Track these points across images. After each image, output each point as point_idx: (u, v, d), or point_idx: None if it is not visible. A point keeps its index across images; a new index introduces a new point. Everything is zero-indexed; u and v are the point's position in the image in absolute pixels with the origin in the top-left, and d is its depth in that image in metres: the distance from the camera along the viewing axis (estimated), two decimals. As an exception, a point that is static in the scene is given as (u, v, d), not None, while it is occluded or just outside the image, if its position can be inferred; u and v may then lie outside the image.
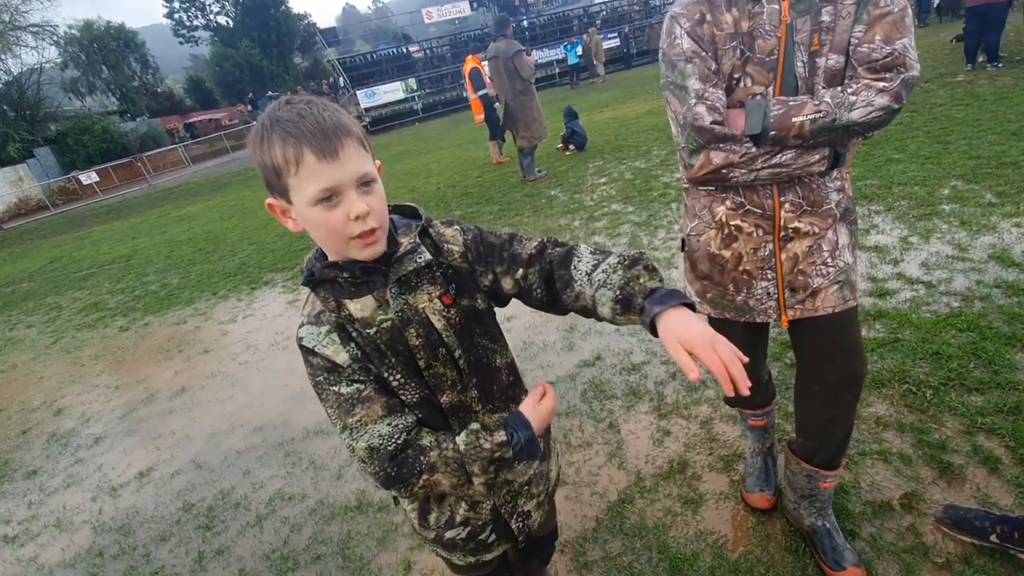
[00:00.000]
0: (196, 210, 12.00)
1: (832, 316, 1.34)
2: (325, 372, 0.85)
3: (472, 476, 0.86)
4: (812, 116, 1.14)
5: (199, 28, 41.98)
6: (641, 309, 0.81)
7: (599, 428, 2.36)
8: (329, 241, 0.83)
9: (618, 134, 8.36)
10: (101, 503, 2.70)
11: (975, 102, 5.46)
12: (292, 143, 0.75)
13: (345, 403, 0.84)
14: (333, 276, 0.86)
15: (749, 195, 1.29)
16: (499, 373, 1.00)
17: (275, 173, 0.78)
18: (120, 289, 6.62)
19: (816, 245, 1.30)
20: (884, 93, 1.11)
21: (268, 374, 3.60)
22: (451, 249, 0.95)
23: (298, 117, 0.76)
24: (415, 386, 0.90)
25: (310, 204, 0.78)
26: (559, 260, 0.92)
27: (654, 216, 4.63)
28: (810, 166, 1.21)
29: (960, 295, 2.60)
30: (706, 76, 1.21)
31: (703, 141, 1.23)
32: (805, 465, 1.53)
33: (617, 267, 0.86)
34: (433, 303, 0.90)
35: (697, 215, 1.42)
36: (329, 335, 0.85)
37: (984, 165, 3.94)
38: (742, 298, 1.40)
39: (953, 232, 3.17)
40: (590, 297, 0.87)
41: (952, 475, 1.74)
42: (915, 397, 2.07)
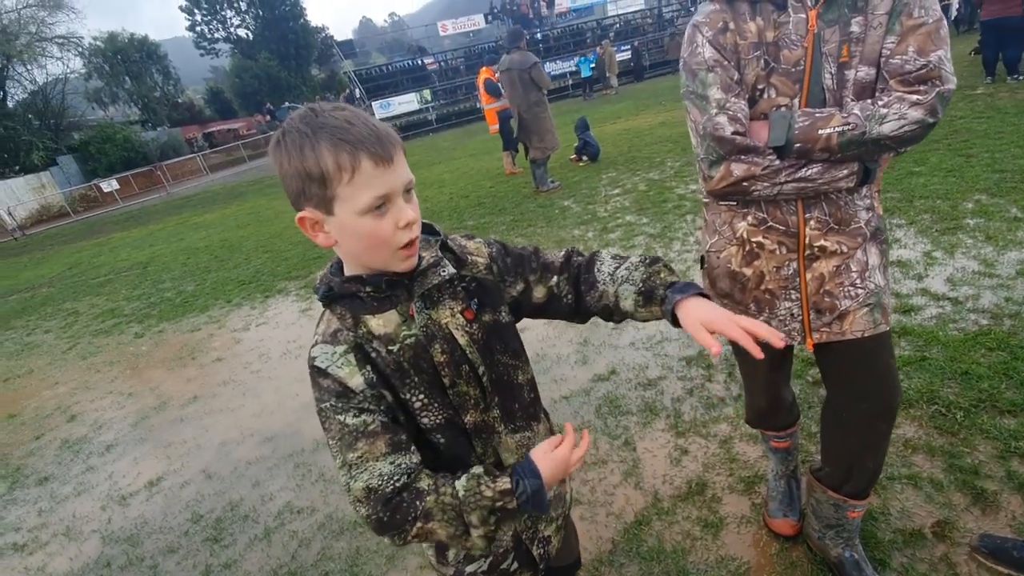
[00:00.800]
0: (213, 218, 12.16)
1: (861, 341, 1.27)
2: (334, 397, 0.79)
3: (470, 527, 0.80)
4: (840, 128, 1.09)
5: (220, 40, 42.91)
6: (662, 299, 0.86)
7: (614, 445, 2.30)
8: (374, 252, 0.79)
9: (631, 145, 8.33)
10: (111, 512, 2.69)
11: (996, 115, 5.36)
12: (347, 149, 0.72)
13: (349, 436, 0.79)
14: (354, 291, 0.82)
15: (772, 211, 1.25)
16: (520, 390, 0.96)
17: (319, 182, 0.73)
18: (136, 296, 6.69)
19: (844, 265, 1.24)
20: (918, 106, 1.06)
21: (280, 383, 3.59)
22: (475, 261, 0.93)
23: (347, 124, 0.73)
24: (439, 406, 0.86)
25: (361, 213, 0.74)
26: (584, 265, 0.97)
27: (669, 228, 4.58)
28: (837, 181, 1.15)
29: (988, 312, 2.51)
30: (728, 86, 1.18)
31: (724, 152, 1.19)
32: (832, 494, 1.46)
33: (639, 265, 0.92)
34: (456, 318, 0.87)
35: (717, 231, 1.37)
36: (345, 355, 0.80)
37: (1008, 179, 3.84)
38: (764, 318, 1.34)
39: (979, 247, 3.09)
40: (613, 294, 0.92)
41: (986, 502, 1.66)
42: (945, 419, 1.99)
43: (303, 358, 3.97)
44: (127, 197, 23.09)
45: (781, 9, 1.15)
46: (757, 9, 1.17)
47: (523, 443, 0.95)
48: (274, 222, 9.44)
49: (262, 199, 13.30)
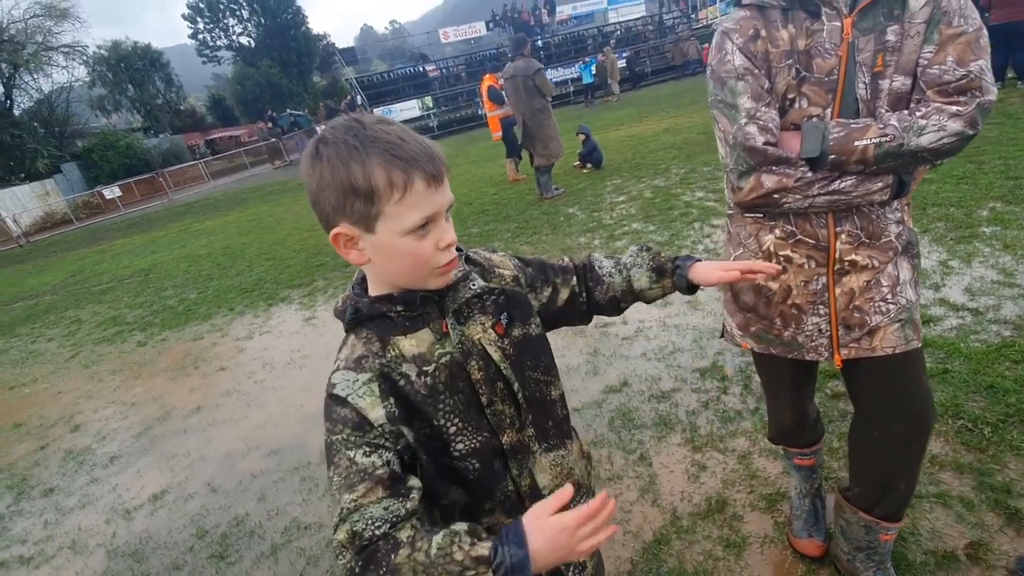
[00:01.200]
0: (215, 225, 12.15)
1: (893, 358, 1.23)
2: (349, 428, 0.74)
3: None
4: (877, 140, 1.05)
5: (222, 48, 43.15)
6: (673, 270, 0.98)
7: (629, 460, 2.24)
8: (411, 272, 0.76)
9: (635, 152, 8.30)
10: (115, 526, 2.64)
11: (1007, 120, 5.32)
12: (401, 166, 0.69)
13: (354, 475, 0.73)
14: (385, 311, 0.78)
15: (801, 224, 1.20)
16: (554, 406, 0.93)
17: (366, 198, 0.70)
18: (139, 303, 6.65)
19: (875, 280, 1.20)
20: (958, 118, 1.02)
21: (284, 393, 3.54)
22: (502, 274, 0.91)
23: (399, 140, 0.70)
24: (474, 429, 0.81)
25: (404, 233, 0.72)
26: (586, 265, 1.04)
27: (676, 235, 4.54)
28: (871, 194, 1.12)
29: (1011, 324, 2.46)
30: (758, 95, 1.14)
31: (754, 163, 1.14)
32: (863, 515, 1.40)
33: (640, 252, 1.03)
34: (487, 333, 0.84)
35: (742, 243, 1.32)
36: (368, 384, 0.76)
37: (1023, 186, 3.80)
38: (790, 333, 1.30)
39: (996, 256, 3.04)
40: (623, 280, 1.01)
41: (1020, 522, 1.61)
42: (972, 435, 1.93)
43: (308, 368, 3.98)
44: (129, 204, 23.11)
45: (814, 17, 1.12)
46: (789, 17, 1.14)
47: (557, 462, 0.92)
48: (276, 229, 9.42)
49: (264, 206, 13.28)
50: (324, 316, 4.69)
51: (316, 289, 5.47)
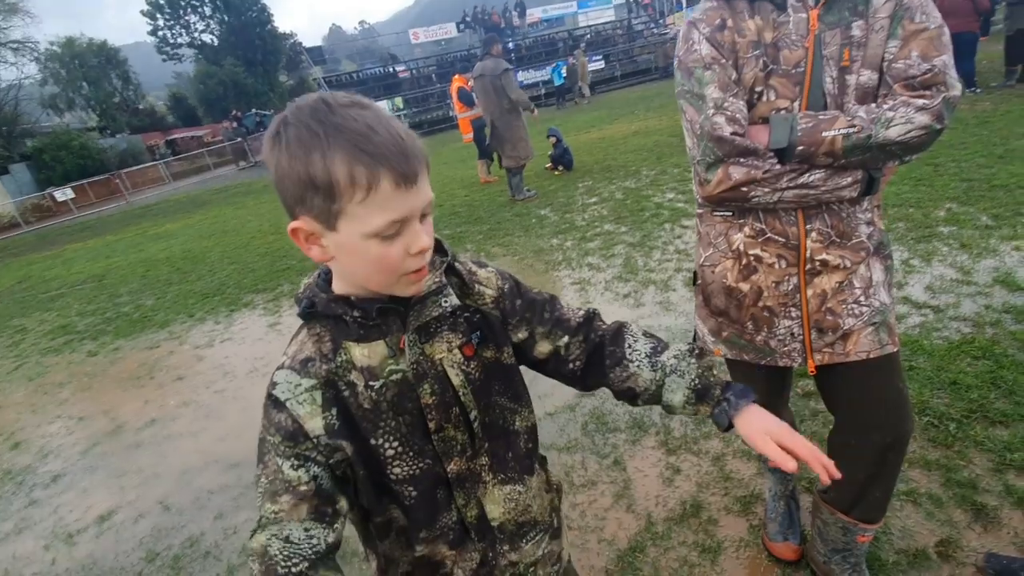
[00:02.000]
0: (175, 228, 11.70)
1: (868, 363, 1.20)
2: (281, 436, 0.69)
3: None
4: (845, 131, 1.03)
5: (183, 46, 41.78)
6: (718, 401, 0.80)
7: (603, 465, 2.20)
8: (376, 276, 0.69)
9: (606, 154, 8.35)
10: (55, 552, 2.45)
11: (959, 126, 5.53)
12: (366, 163, 0.60)
13: (278, 483, 0.68)
14: (340, 313, 0.71)
15: (771, 221, 1.17)
16: (516, 438, 0.85)
17: (324, 193, 0.62)
18: (91, 311, 6.32)
19: (847, 281, 1.17)
20: (925, 111, 1.01)
21: (245, 403, 3.38)
22: (482, 292, 0.82)
23: (368, 130, 0.61)
24: (414, 455, 0.75)
25: (368, 236, 0.64)
26: (610, 336, 0.87)
27: (648, 236, 4.55)
28: (840, 190, 1.09)
29: (970, 320, 2.52)
30: (726, 85, 1.11)
31: (722, 154, 1.11)
32: (842, 516, 1.38)
33: (687, 355, 0.83)
34: (452, 354, 0.76)
35: (712, 243, 1.29)
36: (311, 392, 0.70)
37: (976, 187, 3.94)
38: (762, 338, 1.26)
39: (954, 255, 3.12)
40: (653, 381, 0.83)
41: (987, 518, 1.62)
42: (938, 431, 1.96)
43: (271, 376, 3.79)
44: (83, 207, 22.10)
45: (780, 9, 1.10)
46: (756, 8, 1.11)
47: (512, 496, 0.84)
48: (240, 232, 9.11)
49: (227, 208, 12.87)
50: (289, 321, 4.52)
51: (281, 294, 5.28)
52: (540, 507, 0.88)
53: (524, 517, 0.85)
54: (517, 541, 0.85)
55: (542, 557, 0.89)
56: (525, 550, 0.85)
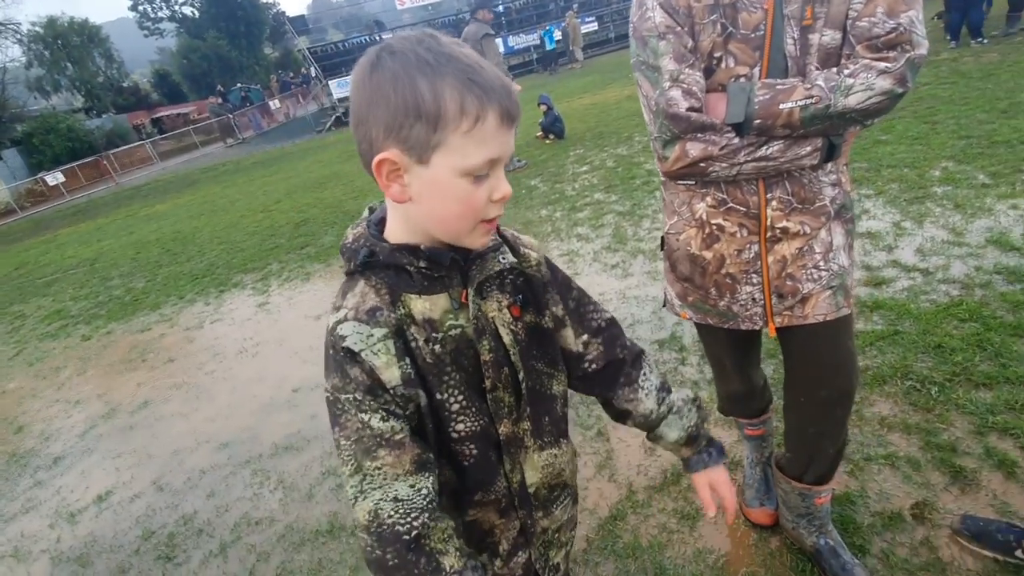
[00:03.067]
0: (164, 209, 11.60)
1: (823, 325, 1.21)
2: (362, 391, 0.66)
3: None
4: (803, 102, 0.99)
5: (164, 20, 40.61)
6: (701, 450, 0.93)
7: (587, 436, 2.21)
8: (456, 220, 0.66)
9: (598, 121, 8.18)
10: (59, 530, 2.51)
11: (961, 80, 5.38)
12: (477, 94, 0.60)
13: (370, 439, 0.66)
14: (405, 263, 0.68)
15: (732, 191, 1.15)
16: (554, 402, 0.85)
17: (429, 122, 0.59)
18: (84, 295, 6.31)
19: (807, 247, 1.16)
20: (886, 75, 0.97)
21: (235, 384, 3.40)
22: (528, 255, 0.81)
23: (477, 65, 0.61)
24: (476, 411, 0.74)
25: (461, 173, 0.62)
26: (632, 358, 0.91)
27: (638, 205, 4.49)
28: (800, 159, 1.06)
29: (960, 283, 2.49)
30: (681, 55, 1.06)
31: (678, 131, 1.07)
32: (796, 484, 1.41)
33: (690, 403, 0.92)
34: (503, 313, 0.76)
35: (676, 211, 1.27)
36: (384, 341, 0.67)
37: (974, 145, 3.85)
38: (725, 303, 1.27)
39: (947, 216, 3.07)
40: (655, 413, 0.89)
41: (965, 481, 1.63)
42: (919, 394, 1.95)
43: (260, 356, 3.82)
44: (74, 190, 21.84)
45: None
46: None
47: (549, 461, 0.85)
48: (229, 211, 9.02)
49: (216, 187, 12.71)
50: (278, 301, 4.51)
51: (270, 273, 5.26)
52: (571, 472, 0.91)
53: (556, 481, 0.86)
54: (549, 507, 0.87)
55: (566, 521, 0.92)
56: (555, 515, 0.87)
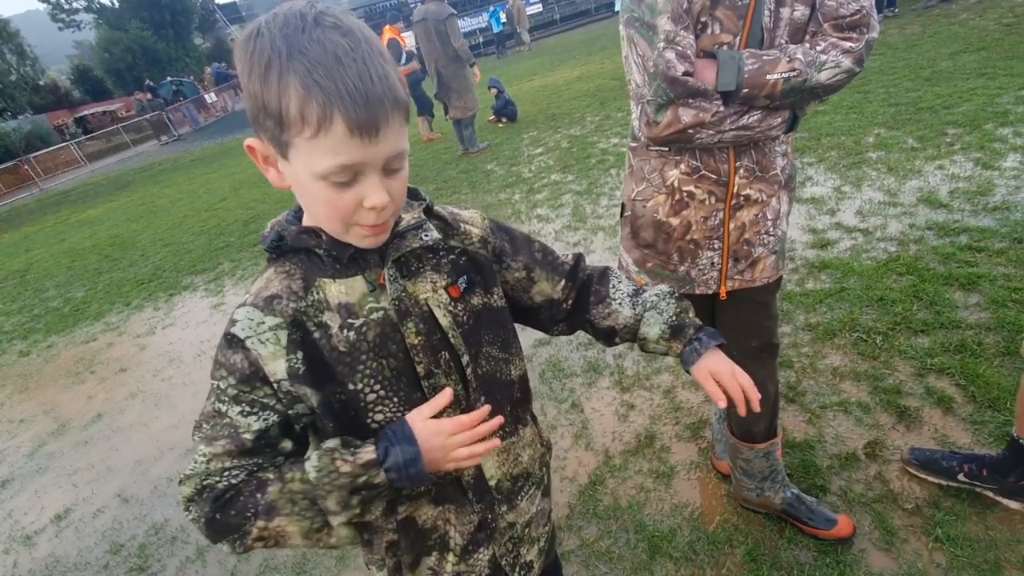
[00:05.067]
0: (98, 213, 10.90)
1: (766, 287, 1.30)
2: (235, 379, 0.64)
3: (328, 515, 0.65)
4: (786, 75, 1.04)
5: (80, 11, 37.70)
6: (690, 340, 0.83)
7: (562, 409, 2.26)
8: (326, 221, 0.64)
9: (550, 102, 8.20)
10: (15, 555, 2.37)
11: (888, 51, 5.69)
12: (319, 100, 0.53)
13: (220, 429, 0.65)
14: (312, 245, 0.66)
15: (706, 159, 1.18)
16: (511, 388, 0.82)
17: (275, 120, 0.56)
18: (16, 309, 5.89)
19: (761, 213, 1.23)
20: (849, 54, 1.03)
21: (196, 388, 3.27)
22: (468, 231, 0.78)
23: (335, 62, 0.54)
24: (401, 401, 0.70)
25: (316, 177, 0.58)
26: (597, 276, 0.89)
27: (595, 184, 4.55)
28: (772, 129, 1.12)
29: (896, 240, 2.67)
30: (678, 16, 1.06)
31: (674, 95, 1.07)
32: (759, 446, 1.49)
33: (667, 297, 0.87)
34: (437, 294, 0.72)
35: (646, 178, 1.29)
36: (275, 331, 0.64)
37: (903, 111, 4.10)
38: (684, 268, 1.31)
39: (882, 179, 3.27)
40: (632, 316, 0.86)
41: (910, 419, 1.77)
42: (866, 344, 2.10)
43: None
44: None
45: None
46: None
47: (506, 449, 0.82)
48: (171, 212, 8.58)
49: (154, 187, 12.04)
50: (234, 300, 4.35)
51: (222, 273, 5.06)
52: (531, 458, 0.86)
53: (516, 469, 0.83)
54: (513, 499, 0.83)
55: (536, 514, 0.89)
56: (521, 507, 0.84)
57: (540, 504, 0.90)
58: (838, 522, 1.48)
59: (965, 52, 5.02)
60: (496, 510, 0.81)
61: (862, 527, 1.51)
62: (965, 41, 5.33)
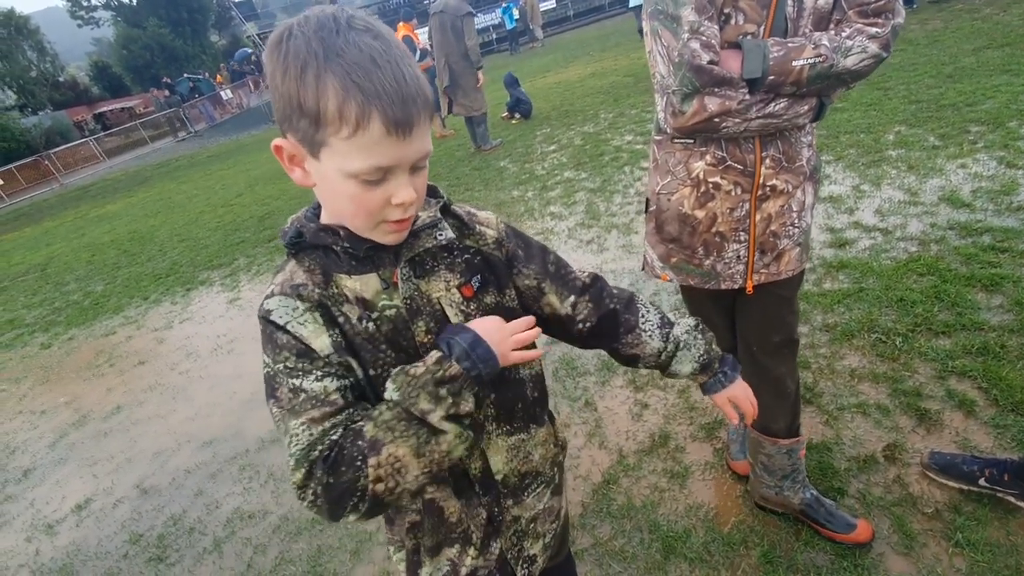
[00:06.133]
0: (117, 208, 11.08)
1: (790, 280, 1.29)
2: (295, 356, 0.64)
3: (427, 418, 0.63)
4: (812, 60, 1.03)
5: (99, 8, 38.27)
6: (716, 372, 0.90)
7: (575, 408, 2.26)
8: (354, 218, 0.66)
9: (563, 99, 8.17)
10: (37, 543, 2.43)
11: (909, 47, 5.58)
12: (358, 100, 0.55)
13: (301, 403, 0.63)
14: (330, 243, 0.68)
15: (731, 149, 1.17)
16: (522, 386, 0.83)
17: (311, 120, 0.58)
18: (37, 302, 6.01)
19: (787, 205, 1.22)
20: (875, 40, 1.02)
21: (213, 382, 3.32)
22: (484, 232, 0.79)
23: (371, 63, 0.56)
24: None
25: (348, 175, 0.60)
26: (624, 304, 0.89)
27: (608, 181, 4.53)
28: (798, 117, 1.10)
29: (916, 239, 2.63)
30: (702, 6, 1.06)
31: (700, 84, 1.07)
32: (783, 442, 1.47)
33: (695, 331, 0.89)
34: (451, 293, 0.73)
35: (670, 171, 1.27)
36: (309, 312, 0.66)
37: (924, 109, 4.02)
38: (710, 262, 1.30)
39: (902, 177, 3.22)
40: (663, 353, 0.88)
41: (930, 422, 1.75)
42: (885, 346, 2.07)
43: (236, 352, 3.74)
44: (13, 193, 20.62)
45: None
46: None
47: (516, 446, 0.83)
48: (188, 207, 8.70)
49: (171, 183, 12.21)
50: (249, 296, 4.40)
51: (238, 268, 5.12)
52: (542, 457, 0.87)
53: (526, 467, 0.84)
54: (520, 494, 0.84)
55: (542, 511, 0.89)
56: (527, 503, 0.85)
57: (549, 502, 0.90)
58: (857, 527, 1.47)
59: (988, 48, 4.90)
60: (502, 503, 0.83)
61: (881, 531, 1.49)
62: (988, 37, 5.21)
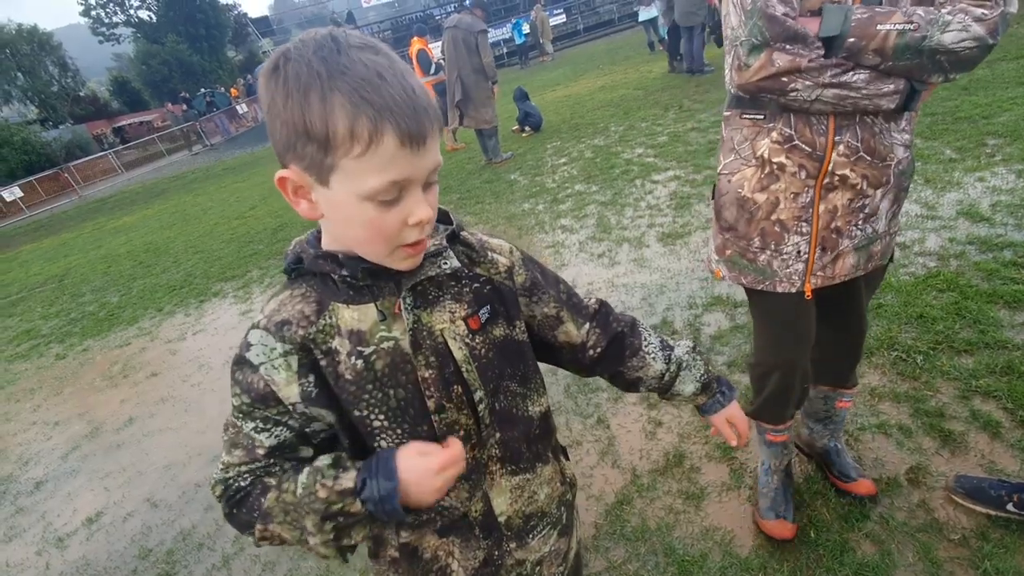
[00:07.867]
0: (133, 220, 11.26)
1: (855, 280, 1.26)
2: (250, 398, 0.65)
3: (306, 537, 0.65)
4: (901, 26, 0.94)
5: (119, 25, 39.28)
6: (715, 392, 0.91)
7: (587, 425, 2.23)
8: (367, 244, 0.63)
9: (573, 112, 8.21)
10: (48, 556, 2.43)
11: (920, 60, 5.54)
12: (369, 115, 0.53)
13: (240, 439, 0.69)
14: (328, 271, 0.66)
15: (801, 127, 1.09)
16: (530, 425, 0.79)
17: (320, 145, 0.55)
18: (54, 313, 6.10)
19: (858, 202, 1.13)
20: (982, 22, 0.93)
21: (224, 395, 3.32)
22: (495, 260, 0.76)
23: (377, 78, 0.54)
24: (402, 433, 0.69)
25: (363, 198, 0.58)
26: (628, 327, 0.89)
27: (619, 194, 4.52)
28: (880, 97, 1.01)
29: (935, 254, 2.58)
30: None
31: (771, 34, 1.00)
32: (821, 387, 1.46)
33: (693, 352, 0.90)
34: (455, 325, 0.70)
35: (735, 149, 1.21)
36: (285, 358, 0.65)
37: (940, 121, 3.98)
38: (766, 257, 1.22)
39: (919, 191, 3.17)
40: (666, 374, 0.88)
41: (955, 444, 1.69)
42: (906, 364, 2.02)
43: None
44: (33, 205, 21.04)
45: None
46: None
47: (521, 486, 0.79)
48: (202, 219, 8.81)
49: (187, 196, 12.39)
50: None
51: (251, 280, 5.16)
52: (547, 496, 0.83)
53: (530, 508, 0.81)
54: (524, 537, 0.81)
55: (548, 554, 0.85)
56: (531, 545, 0.82)
57: (556, 544, 0.86)
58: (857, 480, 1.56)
59: (1003, 60, 4.85)
60: (504, 547, 0.80)
61: (905, 558, 1.44)
62: (1003, 49, 5.16)
